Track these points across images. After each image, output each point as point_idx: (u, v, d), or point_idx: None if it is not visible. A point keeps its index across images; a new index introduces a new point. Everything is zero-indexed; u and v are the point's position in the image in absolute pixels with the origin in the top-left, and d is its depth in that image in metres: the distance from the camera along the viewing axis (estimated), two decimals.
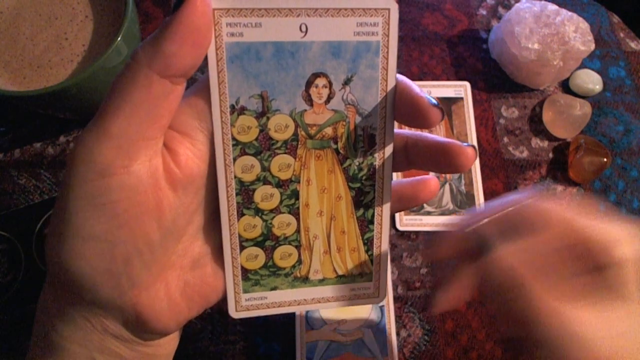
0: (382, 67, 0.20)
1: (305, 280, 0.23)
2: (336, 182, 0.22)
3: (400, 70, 0.46)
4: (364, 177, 0.22)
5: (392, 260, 0.39)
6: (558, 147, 0.44)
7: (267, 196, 0.21)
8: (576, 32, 0.42)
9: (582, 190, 0.42)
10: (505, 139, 0.44)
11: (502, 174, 0.42)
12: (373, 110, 0.21)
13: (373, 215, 0.23)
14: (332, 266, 0.23)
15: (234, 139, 0.20)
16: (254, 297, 0.23)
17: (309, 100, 0.20)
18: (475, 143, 0.43)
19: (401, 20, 0.48)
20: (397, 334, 0.37)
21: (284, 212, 0.22)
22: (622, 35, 0.49)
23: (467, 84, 0.45)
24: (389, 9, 0.20)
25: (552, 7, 0.43)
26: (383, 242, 0.23)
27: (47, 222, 0.35)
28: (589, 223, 0.23)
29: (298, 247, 0.23)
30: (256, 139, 0.20)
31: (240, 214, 0.21)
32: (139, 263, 0.19)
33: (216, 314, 0.37)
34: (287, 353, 0.36)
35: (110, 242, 0.18)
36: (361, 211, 0.23)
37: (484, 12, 0.49)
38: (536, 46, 0.41)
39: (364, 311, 0.37)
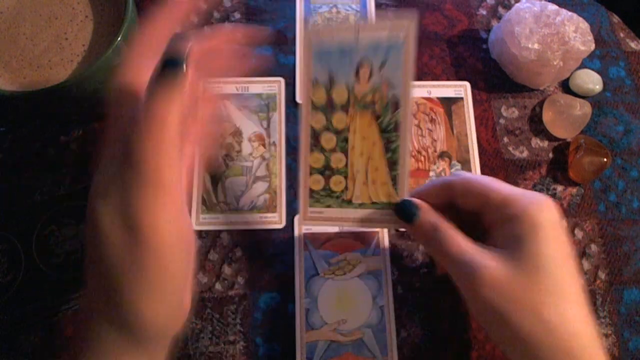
0: (405, 57, 0.30)
1: (349, 203, 0.32)
2: (373, 132, 0.31)
3: None
4: (391, 130, 0.31)
5: (392, 261, 0.39)
6: (558, 147, 0.44)
7: (328, 139, 0.32)
8: (576, 32, 0.42)
9: (582, 190, 0.42)
10: (505, 139, 0.44)
11: (502, 174, 0.42)
12: (398, 84, 0.30)
13: (397, 159, 0.31)
14: (368, 194, 0.32)
15: (311, 101, 0.32)
16: (314, 210, 0.33)
17: (358, 77, 0.31)
18: (475, 143, 0.43)
19: None
20: (397, 334, 0.37)
21: (338, 151, 0.32)
22: (622, 35, 0.49)
23: (467, 84, 0.45)
24: (411, 22, 0.29)
25: (552, 7, 0.43)
26: (405, 181, 0.31)
27: (47, 222, 0.35)
28: (513, 190, 0.28)
29: (346, 178, 0.32)
30: (325, 101, 0.31)
31: (311, 151, 0.32)
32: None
33: (216, 314, 0.37)
34: (287, 353, 0.36)
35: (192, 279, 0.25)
36: (390, 154, 0.31)
37: (484, 12, 0.49)
38: (536, 46, 0.41)
39: (364, 311, 0.37)
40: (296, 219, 0.39)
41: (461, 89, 0.45)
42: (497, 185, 0.29)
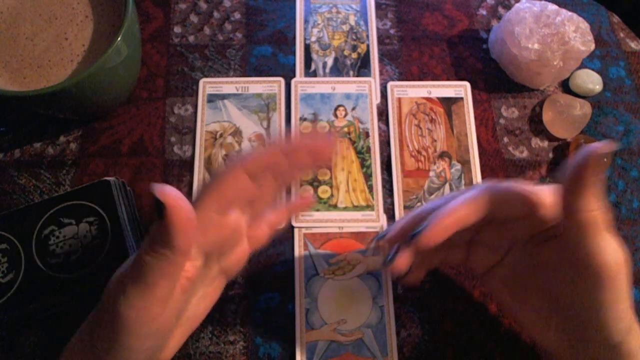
0: (369, 102, 0.44)
1: (335, 207, 0.40)
2: (350, 154, 0.42)
3: (400, 71, 0.46)
4: (365, 152, 0.42)
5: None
6: (558, 147, 0.44)
7: None
8: (576, 32, 0.42)
9: None
10: (505, 139, 0.44)
11: (502, 174, 0.42)
12: (366, 121, 0.43)
13: (371, 172, 0.41)
14: (350, 200, 0.40)
15: (300, 132, 0.42)
16: (305, 214, 0.40)
17: (336, 116, 0.43)
18: (475, 143, 0.43)
19: (401, 21, 0.48)
20: (397, 334, 0.37)
21: (323, 167, 0.41)
22: (622, 35, 0.49)
23: (467, 84, 0.45)
24: (372, 80, 0.44)
25: (552, 7, 0.43)
26: (379, 189, 0.41)
27: (47, 222, 0.35)
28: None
29: (331, 187, 0.41)
30: (310, 131, 0.42)
31: None
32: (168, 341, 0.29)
33: (216, 314, 0.37)
34: (287, 353, 0.36)
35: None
36: (364, 169, 0.41)
37: (484, 12, 0.49)
38: (536, 46, 0.41)
39: (364, 311, 0.37)
40: (293, 218, 0.40)
41: (461, 89, 0.45)
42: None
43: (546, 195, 0.29)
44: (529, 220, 0.30)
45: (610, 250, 0.26)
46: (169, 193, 0.24)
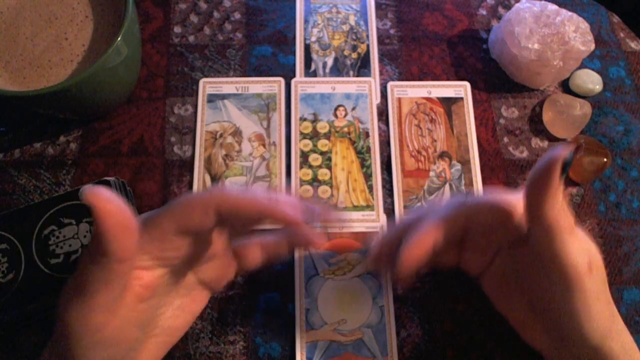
0: (369, 102, 0.44)
1: (335, 207, 0.40)
2: (350, 153, 0.42)
3: (400, 71, 0.46)
4: (365, 152, 0.42)
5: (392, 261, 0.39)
6: None
7: (315, 159, 0.41)
8: (576, 32, 0.42)
9: (582, 190, 0.42)
10: (505, 139, 0.44)
11: (502, 174, 0.42)
12: (366, 120, 0.43)
13: (371, 172, 0.41)
14: (350, 200, 0.40)
15: (300, 132, 0.42)
16: None
17: (336, 116, 0.43)
18: (475, 143, 0.43)
19: (401, 21, 0.48)
20: (397, 334, 0.37)
21: (323, 168, 0.41)
22: (622, 35, 0.49)
23: (467, 84, 0.45)
24: (372, 80, 0.44)
25: (552, 7, 0.43)
26: (379, 189, 0.41)
27: (47, 222, 0.35)
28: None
29: (331, 187, 0.41)
30: (311, 131, 0.42)
31: (301, 167, 0.41)
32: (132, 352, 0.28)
33: (216, 314, 0.37)
34: (287, 353, 0.36)
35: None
36: (364, 169, 0.41)
37: (484, 12, 0.49)
38: (536, 46, 0.41)
39: (364, 311, 0.37)
40: None
41: (461, 89, 0.45)
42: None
43: (520, 202, 0.29)
44: (505, 228, 0.30)
45: (575, 252, 0.26)
46: (99, 195, 0.22)
